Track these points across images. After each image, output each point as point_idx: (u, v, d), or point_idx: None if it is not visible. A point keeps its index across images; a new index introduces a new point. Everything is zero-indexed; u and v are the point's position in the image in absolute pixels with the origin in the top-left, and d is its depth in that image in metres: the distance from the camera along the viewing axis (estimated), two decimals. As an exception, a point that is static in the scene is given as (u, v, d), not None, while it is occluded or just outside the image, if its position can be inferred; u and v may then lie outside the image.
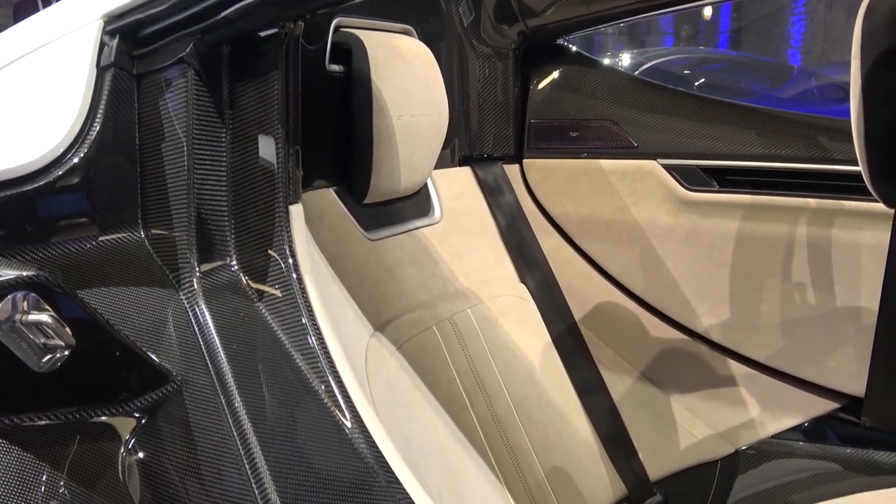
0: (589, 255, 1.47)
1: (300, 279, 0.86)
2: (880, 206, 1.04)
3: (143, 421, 0.73)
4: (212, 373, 0.77)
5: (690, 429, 1.40)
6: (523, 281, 1.43)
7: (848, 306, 1.28)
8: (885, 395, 1.27)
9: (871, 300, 1.25)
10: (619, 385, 1.42)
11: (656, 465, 1.37)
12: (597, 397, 1.39)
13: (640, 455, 1.37)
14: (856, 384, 1.31)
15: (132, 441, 0.72)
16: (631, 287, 1.45)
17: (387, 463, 0.74)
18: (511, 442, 1.21)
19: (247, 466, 0.69)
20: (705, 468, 1.38)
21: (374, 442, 0.75)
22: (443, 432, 1.07)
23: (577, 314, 1.45)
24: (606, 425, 1.37)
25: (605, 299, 1.46)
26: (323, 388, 0.78)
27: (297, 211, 0.88)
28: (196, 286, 0.84)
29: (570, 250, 1.48)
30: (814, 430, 1.35)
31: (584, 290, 1.47)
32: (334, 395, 0.78)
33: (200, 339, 0.80)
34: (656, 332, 1.44)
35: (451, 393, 1.13)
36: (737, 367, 1.39)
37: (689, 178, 1.35)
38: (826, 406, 1.34)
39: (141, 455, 0.73)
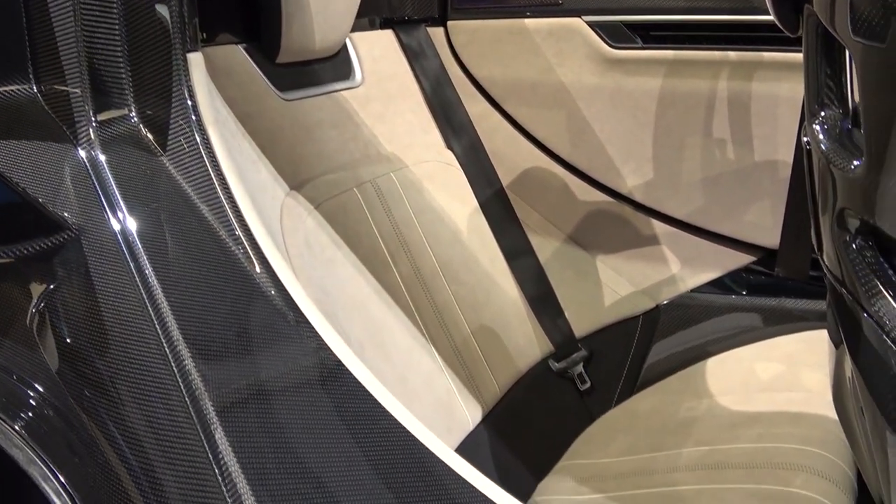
0: (516, 119, 1.46)
1: (203, 130, 0.83)
2: (798, 56, 1.05)
3: (38, 266, 0.71)
4: (111, 222, 0.75)
5: (614, 287, 1.44)
6: (450, 147, 1.41)
7: (765, 160, 1.31)
8: (796, 246, 1.31)
9: (787, 153, 1.28)
10: (546, 247, 1.44)
11: (581, 323, 1.42)
12: (524, 260, 1.41)
13: (566, 314, 1.42)
14: (771, 237, 1.35)
15: (29, 285, 0.71)
16: (558, 151, 1.45)
17: (296, 305, 0.74)
18: (437, 301, 1.23)
19: (149, 309, 0.69)
20: (628, 323, 1.43)
21: (282, 286, 0.75)
22: (365, 289, 1.08)
23: (505, 179, 1.46)
24: (533, 286, 1.40)
25: (532, 164, 1.46)
26: (229, 235, 0.77)
27: (196, 59, 0.84)
28: (93, 136, 0.80)
29: (497, 115, 1.46)
30: (731, 283, 1.41)
31: (511, 155, 1.46)
32: (241, 242, 0.77)
33: (99, 190, 0.77)
34: (582, 195, 1.45)
35: (374, 252, 1.14)
36: (659, 226, 1.42)
37: (614, 35, 1.33)
38: (743, 259, 1.39)
39: (41, 303, 0.71)
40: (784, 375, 1.21)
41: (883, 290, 0.63)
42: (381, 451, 0.64)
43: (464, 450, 1.17)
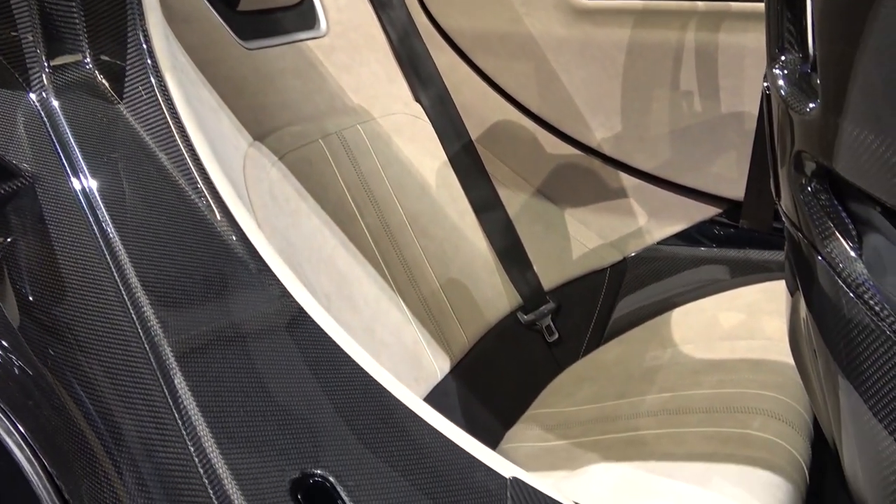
0: (484, 71, 1.44)
1: (160, 76, 0.82)
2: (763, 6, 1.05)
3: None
4: (66, 170, 0.74)
5: (582, 239, 1.45)
6: (417, 99, 1.40)
7: (732, 112, 1.32)
8: (760, 198, 1.33)
9: (752, 105, 1.29)
10: (515, 201, 1.44)
11: (550, 275, 1.43)
12: (493, 213, 1.41)
13: (535, 266, 1.42)
14: (736, 189, 1.36)
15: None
16: (526, 103, 1.44)
17: (257, 253, 0.74)
18: (405, 254, 1.23)
19: (107, 257, 0.68)
20: (595, 276, 1.45)
21: (244, 234, 0.74)
22: (331, 241, 1.07)
23: (474, 132, 1.45)
24: (502, 240, 1.41)
25: (501, 117, 1.45)
26: (188, 184, 0.76)
27: (151, 3, 0.82)
28: (46, 82, 0.78)
29: (466, 67, 1.45)
30: (697, 235, 1.42)
31: (480, 108, 1.45)
32: (200, 191, 0.76)
33: (53, 137, 0.76)
34: (551, 148, 1.45)
35: (340, 204, 1.13)
36: (627, 179, 1.43)
37: (583, -16, 1.32)
38: (709, 211, 1.41)
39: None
40: (745, 324, 1.23)
41: (836, 232, 0.64)
42: (343, 395, 0.64)
43: (432, 399, 1.18)
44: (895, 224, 0.67)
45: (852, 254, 0.62)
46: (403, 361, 1.14)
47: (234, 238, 0.74)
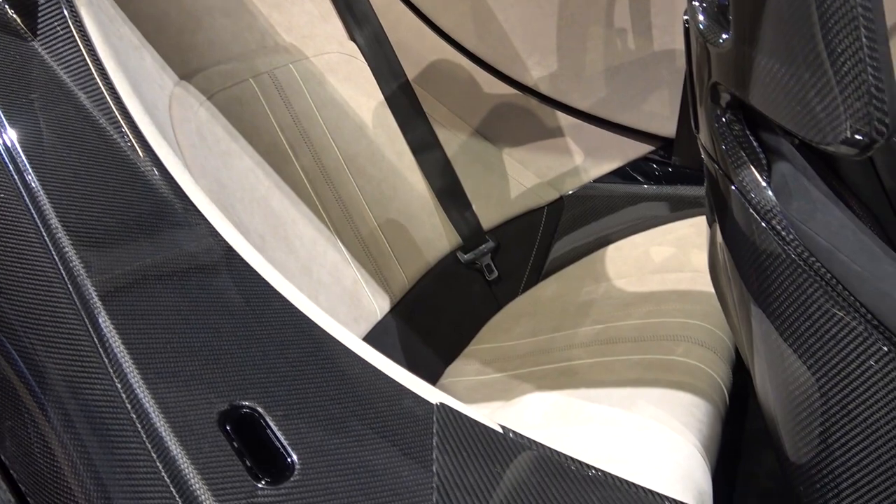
0: (420, 10, 1.42)
1: (75, 12, 0.79)
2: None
3: None
4: (-23, 110, 0.71)
5: (520, 179, 1.47)
6: (352, 38, 1.38)
7: (664, 49, 1.33)
8: (690, 135, 1.36)
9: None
10: (453, 141, 1.44)
11: (489, 215, 1.45)
12: (431, 154, 1.42)
13: (474, 206, 1.44)
14: (669, 126, 1.39)
15: None
16: (463, 42, 1.43)
17: (183, 192, 0.73)
18: (342, 195, 1.22)
19: (25, 198, 0.66)
20: (533, 214, 1.47)
21: (168, 174, 0.73)
22: (265, 182, 1.06)
23: (410, 72, 1.44)
24: (441, 180, 1.41)
25: (438, 56, 1.44)
26: (109, 123, 0.74)
27: (61, -67, 0.78)
28: (-51, 19, 0.75)
29: (401, 6, 1.42)
30: (632, 172, 1.45)
31: (416, 48, 1.44)
32: (122, 131, 0.74)
33: (-39, 76, 0.73)
34: (489, 88, 1.45)
35: (274, 145, 1.11)
36: (563, 118, 1.44)
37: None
38: (642, 149, 1.43)
39: None
40: (675, 257, 1.27)
41: (748, 161, 0.66)
42: (272, 330, 0.65)
43: (372, 338, 1.20)
44: (802, 153, 0.70)
45: (762, 182, 0.65)
46: (342, 301, 1.15)
47: (158, 177, 0.73)
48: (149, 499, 0.53)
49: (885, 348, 0.61)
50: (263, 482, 0.52)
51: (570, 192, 1.47)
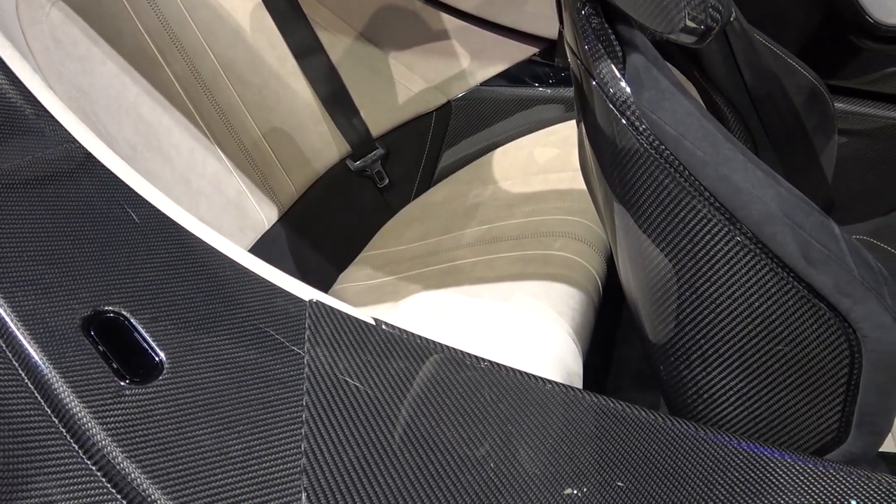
0: None
1: None
2: None
3: None
4: None
5: (408, 84, 1.46)
6: (222, -66, 1.30)
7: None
8: (574, 35, 1.37)
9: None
10: (337, 45, 1.41)
11: (377, 121, 1.44)
12: (314, 59, 1.38)
13: (361, 113, 1.42)
14: (551, 27, 1.40)
15: None
16: (343, -60, 1.38)
17: (35, 98, 0.69)
18: (220, 103, 1.18)
19: None
20: (422, 119, 1.47)
21: (16, 78, 0.69)
22: (133, 89, 1.02)
23: (288, -28, 1.38)
24: (326, 86, 1.38)
25: (317, -45, 1.39)
26: (-58, 22, 0.69)
27: None
28: None
29: None
30: (516, 74, 1.46)
31: (293, -55, 1.37)
32: (-43, 30, 0.69)
33: None
34: (371, -11, 1.41)
35: (140, 50, 1.06)
36: (449, 21, 1.43)
37: None
38: (527, 51, 1.44)
39: None
40: (558, 157, 1.31)
41: (605, 54, 0.68)
42: (137, 235, 0.64)
43: (261, 248, 1.20)
44: (663, 46, 0.73)
45: (618, 74, 0.67)
46: (226, 211, 1.13)
47: (4, 81, 0.68)
48: (13, 406, 0.52)
49: (727, 229, 0.66)
50: (130, 382, 0.53)
51: (458, 96, 1.47)
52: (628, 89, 0.66)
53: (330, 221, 1.37)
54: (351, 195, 1.43)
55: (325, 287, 1.27)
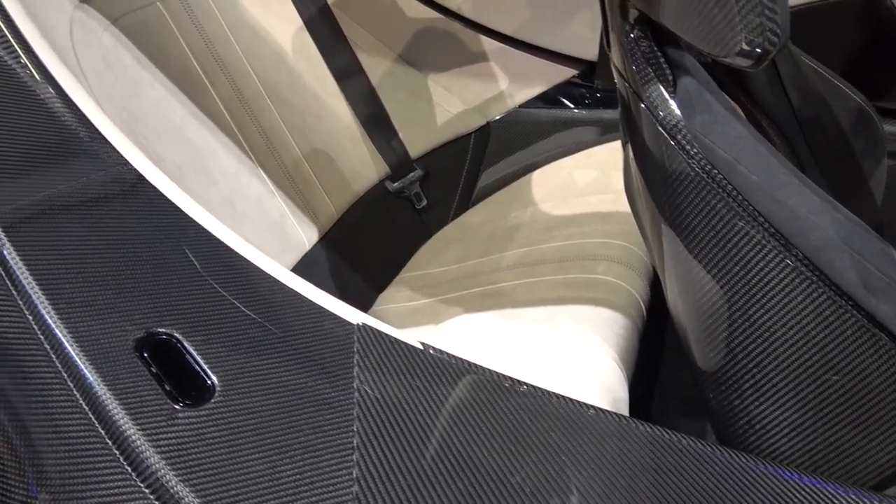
0: (338, -71, 1.37)
1: (-45, -71, 0.73)
2: None
3: None
4: None
5: (446, 105, 1.46)
6: (267, -41, 1.32)
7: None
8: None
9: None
10: (377, 68, 1.42)
11: (416, 143, 1.44)
12: (355, 81, 1.39)
13: (400, 134, 1.43)
14: (591, 49, 1.40)
15: None
16: (384, -36, 1.40)
17: (89, 121, 0.70)
18: (263, 125, 1.20)
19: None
20: (460, 141, 1.47)
21: (72, 102, 0.70)
22: (180, 112, 1.03)
23: (330, -5, 1.40)
24: (365, 108, 1.39)
25: (358, -21, 1.40)
26: (3, 49, 0.71)
27: None
28: None
29: (318, -76, 1.37)
30: (555, 96, 1.46)
31: (335, -30, 1.40)
32: (17, 55, 0.71)
33: None
34: (412, 12, 1.42)
35: (186, 73, 1.08)
36: (488, 43, 1.43)
37: None
38: (566, 73, 1.44)
39: None
40: (598, 180, 1.30)
41: (655, 77, 0.68)
42: (189, 258, 0.64)
43: (302, 269, 1.20)
44: (711, 68, 0.72)
45: (668, 97, 0.67)
46: (269, 232, 1.14)
47: (60, 105, 0.70)
48: (67, 426, 0.52)
49: (782, 255, 0.64)
50: (183, 405, 0.53)
51: (497, 118, 1.48)
52: (679, 113, 0.66)
53: (368, 242, 1.37)
54: (389, 216, 1.43)
55: (364, 308, 1.27)
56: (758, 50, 0.54)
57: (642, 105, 0.69)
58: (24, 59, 0.71)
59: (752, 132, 0.65)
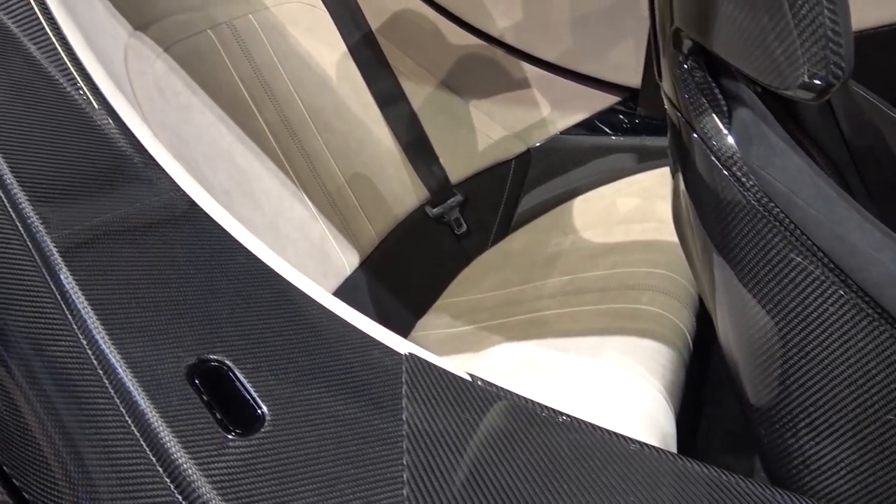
0: (383, -42, 1.39)
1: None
2: None
3: None
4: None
5: (487, 131, 1.46)
6: (313, -13, 1.35)
7: (628, -2, 1.33)
8: (656, 85, 1.36)
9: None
10: (419, 93, 1.43)
11: (456, 168, 1.44)
12: (397, 106, 1.40)
13: (441, 160, 1.43)
14: (633, 77, 1.39)
15: None
16: (427, -8, 1.41)
17: (142, 147, 0.71)
18: (307, 149, 1.21)
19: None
20: (501, 167, 1.47)
21: (127, 128, 0.72)
22: (228, 137, 1.05)
23: (374, 23, 1.41)
24: (407, 133, 1.40)
25: (402, 6, 1.42)
26: (62, 75, 0.72)
27: None
28: None
29: (363, -47, 1.39)
30: (598, 124, 1.45)
31: (379, -3, 1.41)
32: (75, 82, 0.72)
33: None
34: (454, 39, 1.43)
35: (235, 98, 1.09)
36: (530, 69, 1.43)
37: None
38: (608, 100, 1.43)
39: None
40: (641, 208, 1.29)
41: (709, 108, 0.67)
42: (239, 284, 0.64)
43: (343, 293, 1.20)
44: (762, 99, 0.70)
45: (723, 129, 0.65)
46: (311, 256, 1.14)
47: (116, 131, 0.71)
48: (118, 452, 0.53)
49: (841, 291, 0.62)
50: (234, 434, 0.53)
51: (538, 145, 1.47)
52: (734, 144, 0.64)
53: (408, 267, 1.37)
54: (429, 241, 1.43)
55: (403, 333, 1.27)
56: (821, 83, 0.53)
57: (695, 135, 0.68)
58: (83, 86, 0.72)
59: (811, 165, 0.64)
